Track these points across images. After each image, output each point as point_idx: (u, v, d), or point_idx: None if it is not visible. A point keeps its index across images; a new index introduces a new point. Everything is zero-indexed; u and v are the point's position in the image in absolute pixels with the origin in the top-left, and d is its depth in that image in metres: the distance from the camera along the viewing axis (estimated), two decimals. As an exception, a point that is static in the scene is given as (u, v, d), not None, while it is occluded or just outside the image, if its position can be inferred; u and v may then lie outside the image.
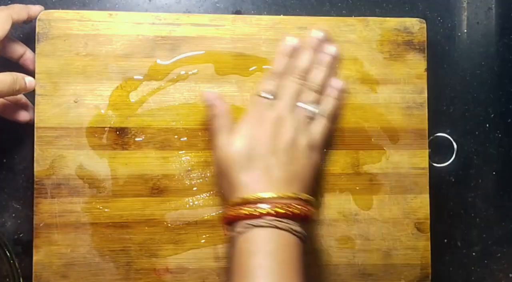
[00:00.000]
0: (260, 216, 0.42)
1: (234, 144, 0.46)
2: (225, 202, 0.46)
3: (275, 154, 0.45)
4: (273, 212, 0.42)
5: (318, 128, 0.48)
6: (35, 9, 0.50)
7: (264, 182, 0.44)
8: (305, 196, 0.45)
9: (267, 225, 0.42)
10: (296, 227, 0.43)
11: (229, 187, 0.45)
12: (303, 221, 0.44)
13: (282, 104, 0.48)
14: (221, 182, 0.48)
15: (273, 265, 0.41)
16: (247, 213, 0.43)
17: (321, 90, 0.49)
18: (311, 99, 0.49)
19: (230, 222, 0.44)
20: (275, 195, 0.43)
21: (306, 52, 0.50)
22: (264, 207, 0.43)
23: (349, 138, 0.53)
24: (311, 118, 0.48)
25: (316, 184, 0.52)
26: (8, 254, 0.48)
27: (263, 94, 0.48)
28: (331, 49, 0.51)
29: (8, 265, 0.48)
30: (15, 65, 0.51)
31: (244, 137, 0.46)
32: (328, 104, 0.50)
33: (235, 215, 0.43)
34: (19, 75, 0.48)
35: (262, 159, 0.45)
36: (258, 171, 0.44)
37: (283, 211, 0.43)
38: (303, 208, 0.44)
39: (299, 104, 0.48)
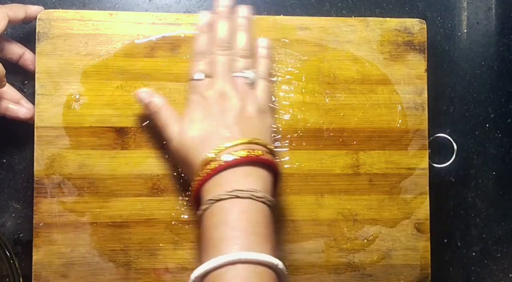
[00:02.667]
0: (226, 166, 0.42)
1: (186, 130, 0.46)
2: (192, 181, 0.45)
3: (228, 127, 0.45)
4: (237, 157, 0.42)
5: (262, 91, 0.48)
6: (33, 8, 0.50)
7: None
8: (264, 141, 0.45)
9: (228, 196, 0.42)
10: (258, 193, 0.42)
11: (193, 170, 0.45)
12: (269, 168, 0.44)
13: (218, 80, 0.47)
14: (185, 172, 0.49)
15: (236, 233, 0.40)
16: (212, 168, 0.43)
17: (249, 54, 0.49)
18: (245, 66, 0.48)
19: (197, 193, 0.44)
20: (236, 142, 0.43)
21: (222, 22, 0.49)
22: (227, 157, 0.43)
23: (349, 138, 0.53)
24: (251, 84, 0.48)
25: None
26: (8, 254, 0.48)
27: (197, 76, 0.48)
28: (243, 11, 0.50)
29: (8, 265, 0.48)
30: (15, 66, 0.51)
31: (194, 122, 0.46)
32: (262, 65, 0.50)
33: (201, 178, 0.43)
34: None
35: (217, 135, 0.45)
36: (216, 146, 0.44)
37: (246, 154, 0.43)
38: (265, 151, 0.44)
39: (235, 74, 0.48)
